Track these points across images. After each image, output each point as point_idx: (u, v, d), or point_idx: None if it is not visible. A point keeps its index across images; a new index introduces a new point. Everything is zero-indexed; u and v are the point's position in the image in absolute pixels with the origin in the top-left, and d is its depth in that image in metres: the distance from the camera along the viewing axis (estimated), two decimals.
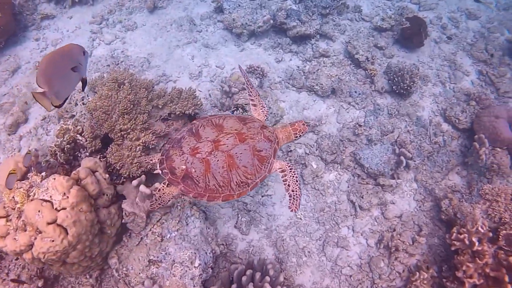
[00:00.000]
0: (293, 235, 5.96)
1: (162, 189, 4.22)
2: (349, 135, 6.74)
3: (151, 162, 4.56)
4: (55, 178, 4.17)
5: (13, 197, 4.18)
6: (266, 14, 7.42)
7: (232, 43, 7.66)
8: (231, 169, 4.00)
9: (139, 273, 4.71)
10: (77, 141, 5.05)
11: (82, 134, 5.05)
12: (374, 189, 6.29)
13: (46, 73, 3.56)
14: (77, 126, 5.06)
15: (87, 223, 4.18)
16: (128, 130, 5.01)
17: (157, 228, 4.95)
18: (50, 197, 4.11)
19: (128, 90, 5.18)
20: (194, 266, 4.79)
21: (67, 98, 4.01)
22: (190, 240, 5.00)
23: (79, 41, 7.39)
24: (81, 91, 5.76)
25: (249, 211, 5.99)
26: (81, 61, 3.93)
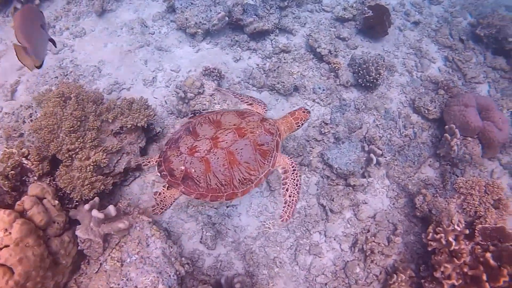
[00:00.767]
0: (262, 245, 5.70)
1: (163, 193, 4.18)
2: (316, 135, 6.50)
3: (148, 164, 4.42)
4: None
5: None
6: (220, 11, 7.08)
7: (187, 44, 7.29)
8: (233, 166, 3.92)
9: None
10: (23, 165, 4.63)
11: (28, 157, 4.63)
12: (345, 190, 6.08)
13: (23, 28, 3.60)
14: (22, 148, 4.64)
15: (36, 258, 3.84)
16: (77, 150, 4.69)
17: (116, 252, 4.66)
18: None
19: (75, 105, 4.86)
20: None
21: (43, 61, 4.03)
22: (152, 262, 4.69)
23: None
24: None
25: (214, 224, 5.69)
26: (44, 20, 4.02)
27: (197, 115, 4.35)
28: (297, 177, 4.30)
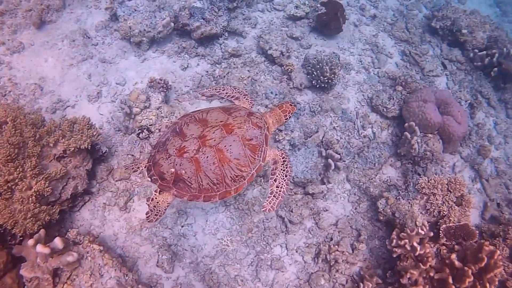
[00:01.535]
0: (222, 264, 5.55)
1: (155, 198, 4.12)
2: (270, 142, 6.31)
3: (138, 170, 4.39)
4: None
5: None
6: (165, 17, 6.81)
7: (132, 54, 6.99)
8: (223, 164, 3.92)
9: None
10: None
11: None
12: (304, 199, 5.98)
13: None
14: None
15: None
16: (17, 180, 4.46)
17: (68, 287, 4.48)
18: None
19: (11, 130, 4.61)
20: None
21: None
22: None
23: None
24: None
25: (170, 245, 5.49)
26: None
27: (184, 116, 4.33)
28: (287, 168, 4.36)
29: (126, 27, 6.84)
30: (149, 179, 4.01)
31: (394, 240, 5.33)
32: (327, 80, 6.75)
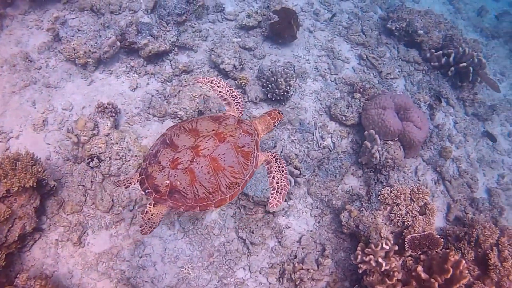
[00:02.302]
0: None
1: (150, 211, 4.19)
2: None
3: (130, 185, 4.38)
4: None
5: None
6: (111, 35, 6.72)
7: (78, 77, 6.83)
8: (218, 173, 4.06)
9: None
10: None
11: None
12: (265, 218, 6.02)
13: None
14: None
15: None
16: None
17: None
18: None
19: None
20: None
21: None
22: None
23: None
24: None
25: (129, 278, 5.41)
26: None
27: (172, 127, 4.40)
28: (281, 164, 4.54)
29: (70, 49, 6.70)
30: (143, 193, 4.05)
31: (359, 256, 5.43)
32: (282, 93, 6.81)
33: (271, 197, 4.41)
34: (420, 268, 5.29)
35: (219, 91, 4.95)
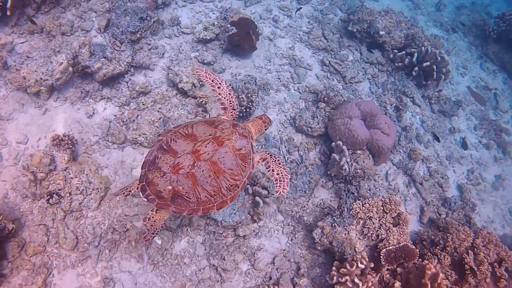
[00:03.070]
0: None
1: (152, 217, 4.42)
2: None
3: (129, 193, 4.57)
4: None
5: None
6: (62, 61, 6.60)
7: (31, 106, 6.68)
8: (218, 176, 4.31)
9: None
10: None
11: None
12: (236, 242, 6.08)
13: None
14: None
15: None
16: None
17: None
18: None
19: None
20: None
21: None
22: None
23: None
24: None
25: None
26: None
27: (167, 132, 4.60)
28: (276, 158, 4.92)
29: (20, 78, 6.55)
30: (145, 200, 4.21)
31: (335, 277, 5.52)
32: (245, 109, 6.85)
33: (277, 186, 4.80)
34: (398, 284, 5.44)
35: (218, 93, 5.10)
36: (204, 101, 6.96)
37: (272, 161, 4.88)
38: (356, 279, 5.37)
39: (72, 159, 6.08)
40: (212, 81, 5.11)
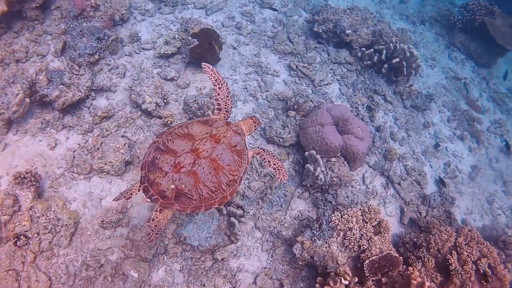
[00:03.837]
0: None
1: (156, 217, 4.55)
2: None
3: (131, 196, 4.64)
4: None
5: None
6: (18, 92, 6.48)
7: None
8: (218, 172, 4.54)
9: None
10: None
11: None
12: (215, 266, 6.11)
13: None
14: None
15: None
16: None
17: None
18: None
19: None
20: None
21: None
22: None
23: None
24: None
25: None
26: None
27: (162, 134, 4.74)
28: (269, 152, 5.33)
29: None
30: (149, 200, 4.35)
31: None
32: None
33: (277, 174, 5.27)
34: None
35: (217, 94, 5.27)
36: (169, 121, 6.94)
37: (266, 153, 5.27)
38: None
39: (37, 196, 6.00)
40: (215, 80, 5.26)
